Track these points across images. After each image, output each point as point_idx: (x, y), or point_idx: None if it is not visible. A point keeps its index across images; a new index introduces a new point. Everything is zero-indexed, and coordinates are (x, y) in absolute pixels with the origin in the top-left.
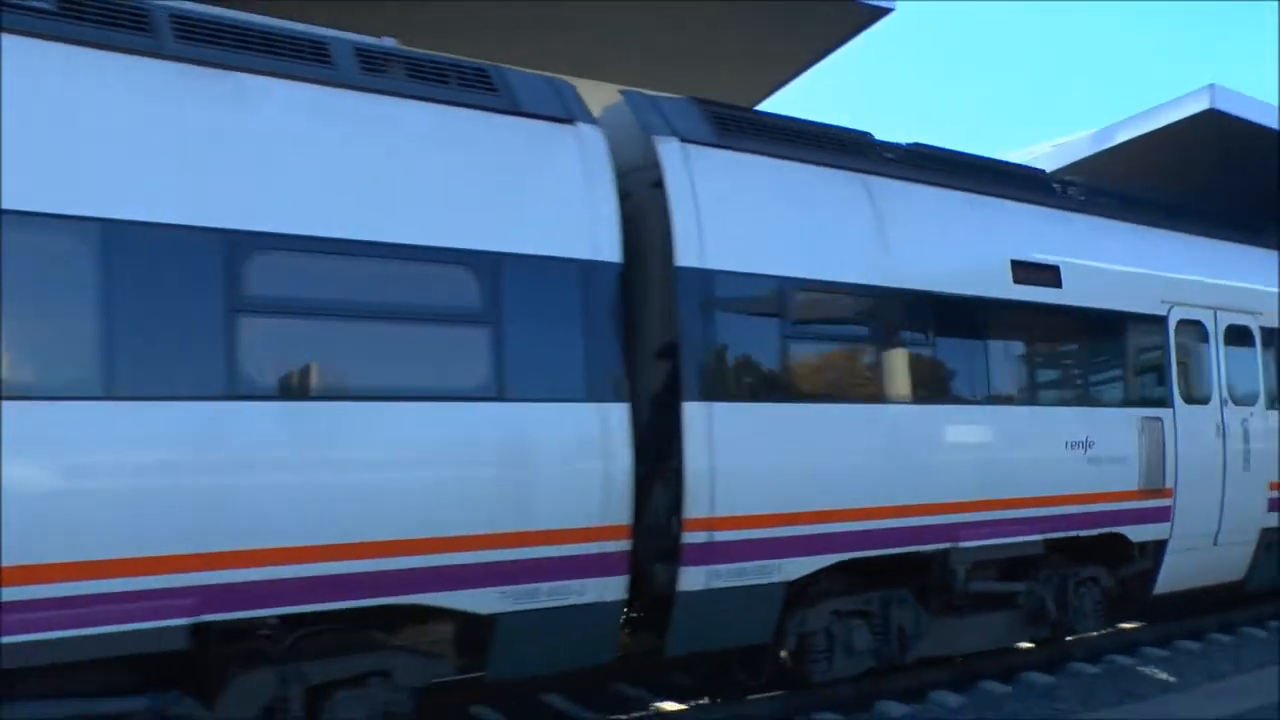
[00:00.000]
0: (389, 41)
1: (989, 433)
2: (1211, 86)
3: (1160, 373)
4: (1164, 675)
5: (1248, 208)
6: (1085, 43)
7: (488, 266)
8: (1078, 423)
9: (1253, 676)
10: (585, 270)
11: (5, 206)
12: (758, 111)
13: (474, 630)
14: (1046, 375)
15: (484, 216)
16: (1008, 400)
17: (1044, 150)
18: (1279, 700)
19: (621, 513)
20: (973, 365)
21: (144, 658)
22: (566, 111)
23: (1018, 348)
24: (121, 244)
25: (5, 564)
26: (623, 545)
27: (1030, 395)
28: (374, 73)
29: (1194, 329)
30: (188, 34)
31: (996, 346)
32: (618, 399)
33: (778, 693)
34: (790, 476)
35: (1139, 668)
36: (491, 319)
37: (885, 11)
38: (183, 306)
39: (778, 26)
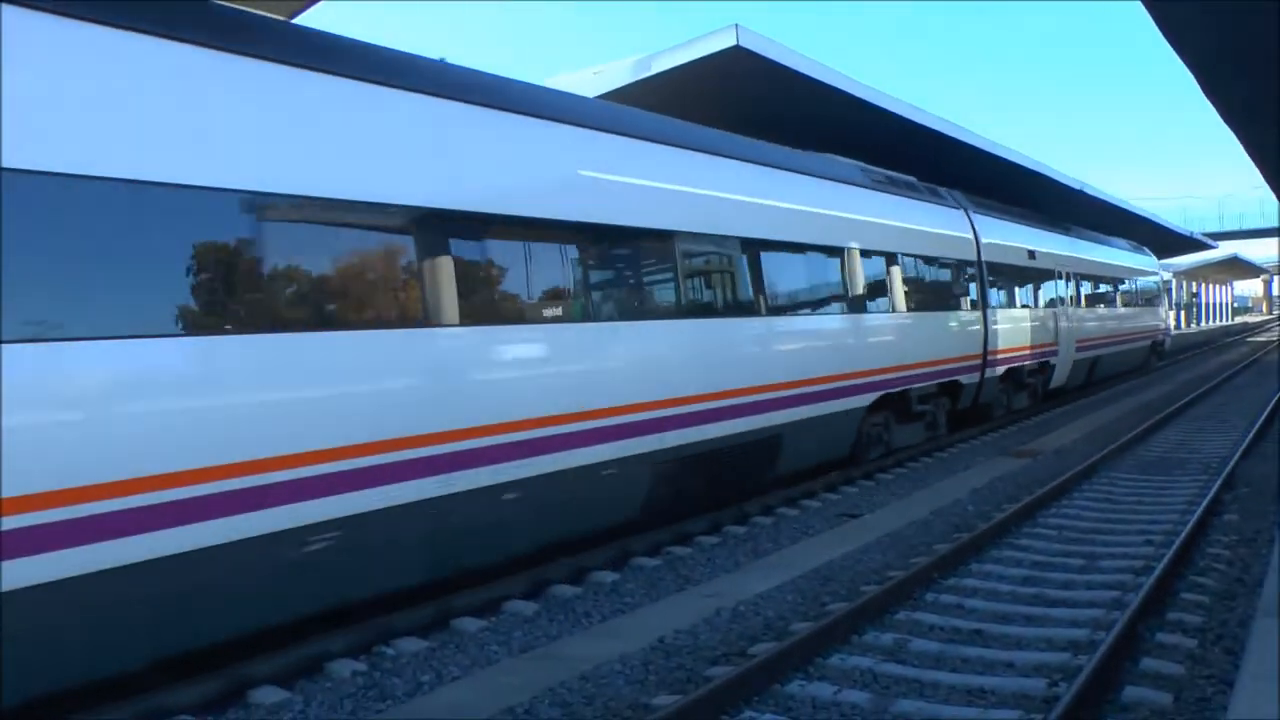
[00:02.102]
0: (906, 177)
1: (1016, 320)
2: (735, 26)
3: (1059, 294)
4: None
5: (783, 142)
6: None
7: (960, 267)
8: (1043, 316)
9: (789, 551)
10: (976, 265)
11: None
12: (981, 198)
13: (953, 392)
14: (1037, 294)
15: (957, 247)
16: (1022, 305)
17: (585, 77)
18: (815, 567)
19: (980, 348)
20: (1015, 290)
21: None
22: (960, 204)
23: (1029, 285)
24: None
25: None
26: (980, 362)
27: (1029, 302)
28: (932, 193)
29: (1065, 277)
30: (883, 182)
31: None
32: (981, 309)
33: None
34: (1003, 335)
35: (694, 556)
36: (954, 281)
37: None
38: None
39: None
